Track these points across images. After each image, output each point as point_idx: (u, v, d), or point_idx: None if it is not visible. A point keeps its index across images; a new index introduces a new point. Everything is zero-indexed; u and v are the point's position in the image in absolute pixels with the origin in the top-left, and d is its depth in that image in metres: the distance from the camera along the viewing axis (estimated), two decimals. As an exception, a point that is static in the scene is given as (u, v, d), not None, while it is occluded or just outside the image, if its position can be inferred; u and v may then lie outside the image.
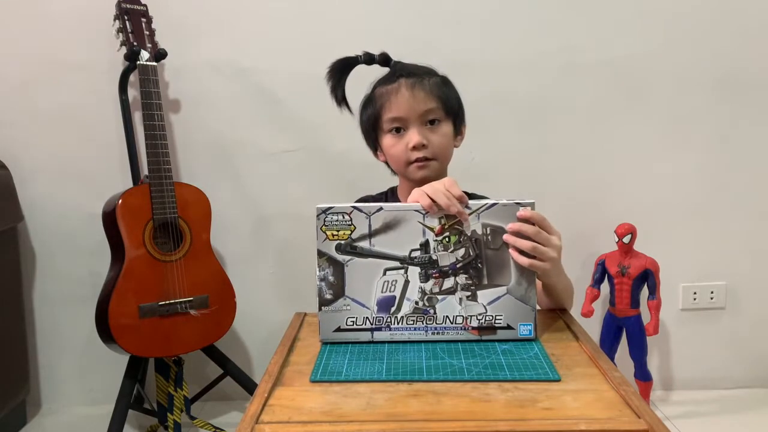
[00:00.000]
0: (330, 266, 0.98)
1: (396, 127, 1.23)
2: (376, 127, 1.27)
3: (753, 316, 2.12)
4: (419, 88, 1.21)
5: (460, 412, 0.76)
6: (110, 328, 1.70)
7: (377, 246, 0.96)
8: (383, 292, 0.96)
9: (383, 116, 1.24)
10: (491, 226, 0.97)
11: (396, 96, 1.21)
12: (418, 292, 0.96)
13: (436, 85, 1.24)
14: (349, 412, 0.77)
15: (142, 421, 1.99)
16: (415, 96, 1.20)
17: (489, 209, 0.97)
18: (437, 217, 0.96)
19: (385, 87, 1.25)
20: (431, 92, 1.22)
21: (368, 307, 0.97)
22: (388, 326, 0.97)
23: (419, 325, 0.97)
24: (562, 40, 2.01)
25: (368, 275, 0.96)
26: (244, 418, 0.76)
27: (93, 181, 2.02)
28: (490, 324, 0.97)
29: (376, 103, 1.26)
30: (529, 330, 0.97)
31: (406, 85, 1.22)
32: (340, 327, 0.97)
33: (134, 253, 1.74)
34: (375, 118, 1.26)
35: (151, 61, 1.80)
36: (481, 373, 0.87)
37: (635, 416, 0.74)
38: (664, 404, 2.07)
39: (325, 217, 0.97)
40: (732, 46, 2.00)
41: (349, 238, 0.96)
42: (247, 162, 2.06)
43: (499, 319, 0.97)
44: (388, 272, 0.96)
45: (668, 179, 2.07)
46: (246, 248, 2.10)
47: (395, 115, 1.22)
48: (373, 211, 0.95)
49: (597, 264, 2.00)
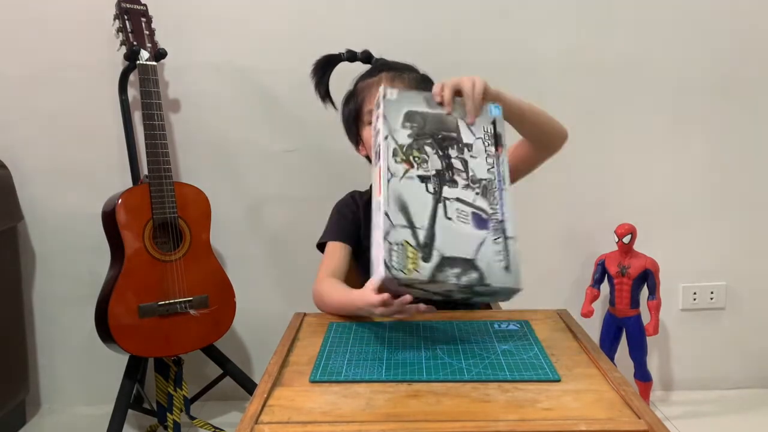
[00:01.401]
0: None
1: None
2: (357, 120, 1.31)
3: (753, 316, 2.12)
4: (399, 81, 1.25)
5: (459, 413, 0.76)
6: (110, 327, 1.70)
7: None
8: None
9: (364, 108, 1.28)
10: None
11: (377, 88, 1.21)
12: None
13: (415, 80, 1.28)
14: (349, 412, 0.77)
15: (141, 421, 1.99)
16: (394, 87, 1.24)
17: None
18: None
19: (366, 81, 1.30)
20: (410, 85, 1.25)
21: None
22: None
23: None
24: (562, 40, 2.01)
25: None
26: (244, 418, 0.76)
27: (93, 181, 2.02)
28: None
29: (357, 97, 1.30)
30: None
31: (387, 78, 1.26)
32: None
33: (134, 253, 1.74)
34: (356, 111, 1.30)
35: (151, 60, 1.80)
36: (480, 374, 0.87)
37: (635, 417, 0.74)
38: (664, 404, 2.07)
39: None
40: (732, 46, 2.00)
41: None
42: (246, 162, 2.06)
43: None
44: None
45: (668, 179, 2.07)
46: (246, 248, 2.10)
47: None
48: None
49: (597, 264, 2.00)
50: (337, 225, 1.34)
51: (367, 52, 1.38)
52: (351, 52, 1.38)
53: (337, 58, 1.38)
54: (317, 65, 1.38)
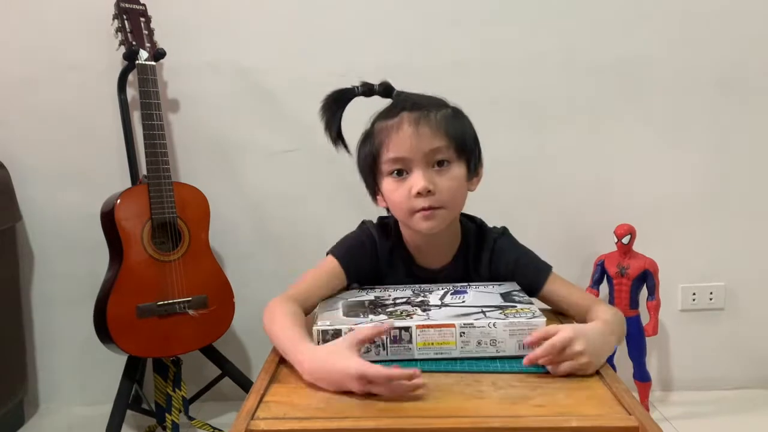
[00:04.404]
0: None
1: (397, 169, 1.07)
2: (374, 168, 1.12)
3: (752, 316, 2.12)
4: (424, 123, 1.05)
5: (454, 409, 0.77)
6: (108, 328, 1.70)
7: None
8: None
9: (382, 156, 1.09)
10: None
11: (397, 133, 1.06)
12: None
13: (444, 119, 1.08)
14: (344, 408, 0.78)
15: (140, 421, 1.99)
16: (419, 133, 1.05)
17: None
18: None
19: (385, 122, 1.09)
20: (439, 128, 1.06)
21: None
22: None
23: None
24: (562, 40, 2.01)
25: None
26: (240, 414, 0.77)
27: (91, 181, 2.02)
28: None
29: (374, 140, 1.10)
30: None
31: (409, 119, 1.06)
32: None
33: (133, 253, 1.74)
34: (373, 157, 1.11)
35: (150, 60, 1.80)
36: (472, 364, 0.89)
37: (626, 413, 0.74)
38: (663, 405, 2.07)
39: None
40: (732, 47, 2.00)
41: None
42: (246, 162, 2.06)
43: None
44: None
45: (668, 180, 2.06)
46: (245, 248, 2.10)
47: (396, 155, 1.06)
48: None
49: (596, 265, 2.00)
50: (349, 252, 1.18)
51: (385, 84, 1.14)
52: (367, 85, 1.14)
53: (351, 92, 1.15)
54: (327, 102, 1.16)
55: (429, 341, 0.90)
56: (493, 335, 0.90)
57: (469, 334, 0.90)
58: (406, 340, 0.90)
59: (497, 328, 0.90)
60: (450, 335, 0.90)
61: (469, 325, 0.90)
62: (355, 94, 1.15)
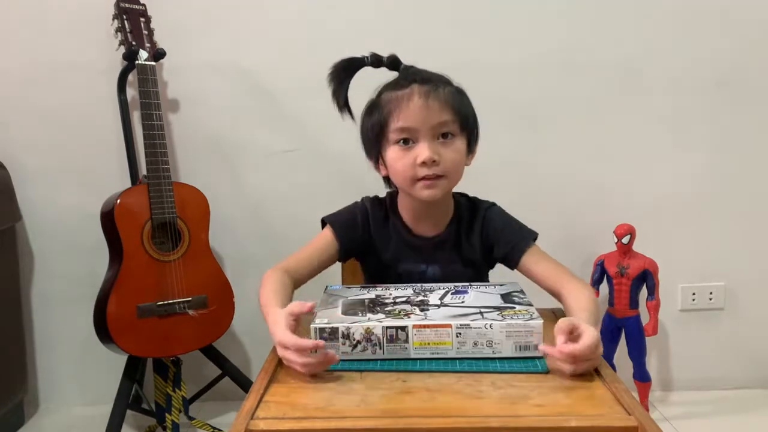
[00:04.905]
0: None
1: (404, 138, 1.12)
2: (380, 136, 1.15)
3: (752, 316, 2.12)
4: (434, 97, 1.10)
5: (453, 409, 0.77)
6: (108, 328, 1.70)
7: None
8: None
9: (390, 125, 1.12)
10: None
11: (408, 103, 1.10)
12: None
13: (451, 95, 1.13)
14: (343, 408, 0.78)
15: (140, 421, 1.99)
16: (429, 105, 1.10)
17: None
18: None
19: (395, 92, 1.13)
20: (447, 102, 1.11)
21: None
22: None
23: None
24: (562, 40, 2.01)
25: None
26: (240, 413, 0.77)
27: (91, 181, 2.02)
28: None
29: (383, 110, 1.14)
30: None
31: (420, 92, 1.10)
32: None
33: (132, 253, 1.74)
34: (380, 126, 1.14)
35: (150, 60, 1.80)
36: (472, 364, 0.89)
37: (626, 413, 0.74)
38: (663, 405, 2.07)
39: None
40: (732, 46, 2.00)
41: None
42: (246, 162, 2.07)
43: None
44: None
45: (668, 180, 2.06)
46: (245, 248, 2.10)
47: (405, 124, 1.11)
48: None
49: (596, 264, 2.00)
50: (342, 221, 1.25)
51: (393, 57, 1.19)
52: (376, 57, 1.18)
53: (360, 62, 1.19)
54: (336, 69, 1.19)
55: (425, 341, 0.90)
56: (490, 336, 0.90)
57: (465, 335, 0.90)
58: (402, 339, 0.90)
59: (493, 330, 0.90)
60: (446, 335, 0.90)
61: (466, 326, 0.90)
62: (363, 64, 1.19)
